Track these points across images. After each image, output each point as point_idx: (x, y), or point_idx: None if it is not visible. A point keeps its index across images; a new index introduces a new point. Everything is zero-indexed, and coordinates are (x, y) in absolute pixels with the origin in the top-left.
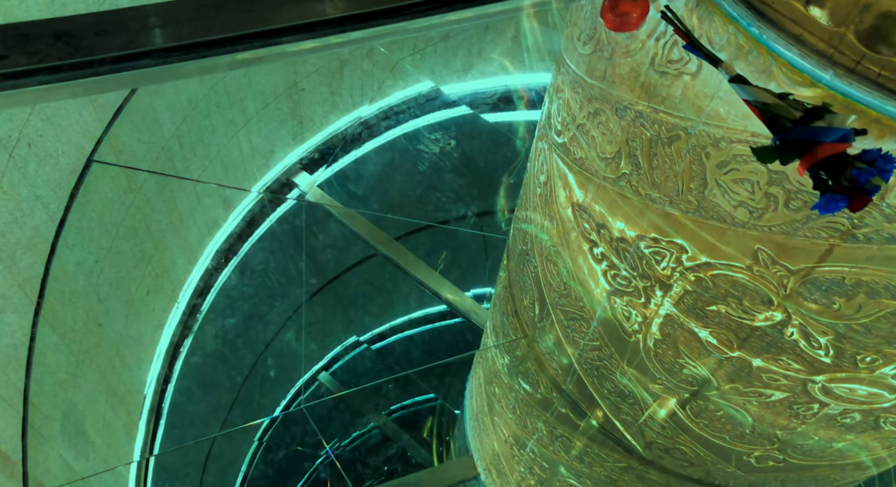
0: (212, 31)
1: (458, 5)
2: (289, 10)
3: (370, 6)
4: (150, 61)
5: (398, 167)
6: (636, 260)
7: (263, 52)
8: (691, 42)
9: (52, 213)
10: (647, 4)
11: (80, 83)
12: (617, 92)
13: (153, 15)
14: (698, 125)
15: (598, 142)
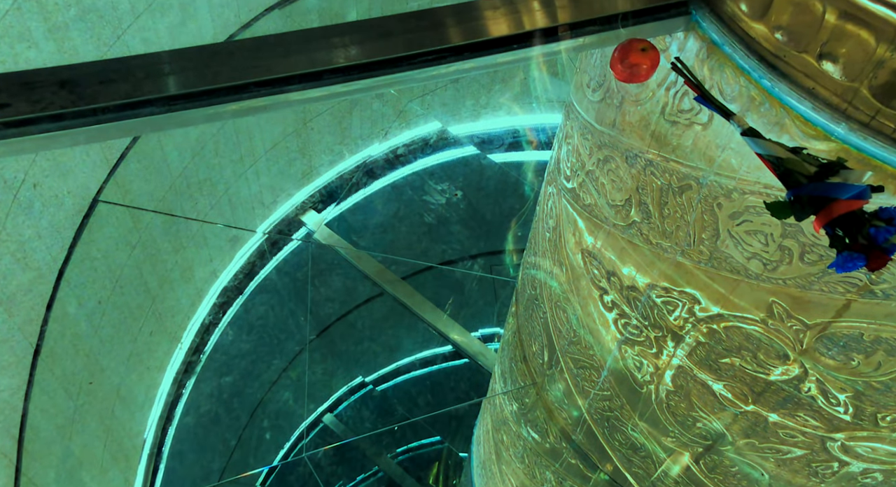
0: (218, 79)
1: (465, 55)
2: (295, 58)
3: (377, 55)
4: (154, 109)
5: (406, 206)
6: (647, 309)
7: (269, 101)
8: (702, 94)
9: (55, 255)
10: (657, 56)
11: (83, 131)
12: (627, 140)
13: (158, 63)
14: (710, 175)
15: (608, 189)
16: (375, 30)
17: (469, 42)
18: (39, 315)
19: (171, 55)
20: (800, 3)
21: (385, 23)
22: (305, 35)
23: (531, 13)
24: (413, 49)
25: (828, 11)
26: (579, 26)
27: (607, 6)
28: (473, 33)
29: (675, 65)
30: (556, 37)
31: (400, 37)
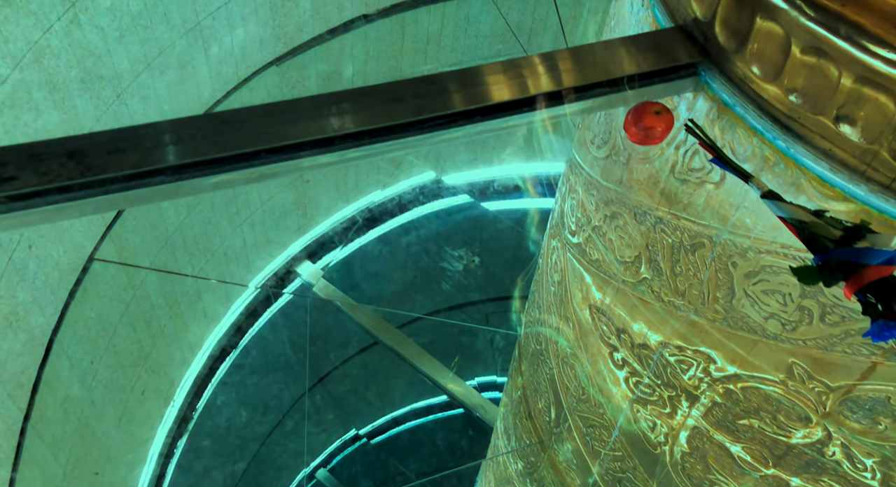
0: (228, 147)
1: (475, 119)
2: (306, 124)
3: (388, 120)
4: (163, 178)
5: (401, 255)
6: (660, 368)
7: (280, 168)
8: (718, 156)
9: (48, 316)
10: (671, 118)
11: (91, 202)
12: (635, 197)
13: (168, 131)
14: (724, 234)
15: (616, 245)
16: (386, 95)
17: (478, 106)
18: (30, 379)
19: (180, 123)
20: (814, 66)
21: (396, 88)
22: (316, 101)
23: (537, 77)
24: (424, 114)
25: (843, 76)
26: (586, 89)
27: (614, 69)
28: (482, 98)
29: (689, 127)
30: (563, 100)
31: (411, 102)
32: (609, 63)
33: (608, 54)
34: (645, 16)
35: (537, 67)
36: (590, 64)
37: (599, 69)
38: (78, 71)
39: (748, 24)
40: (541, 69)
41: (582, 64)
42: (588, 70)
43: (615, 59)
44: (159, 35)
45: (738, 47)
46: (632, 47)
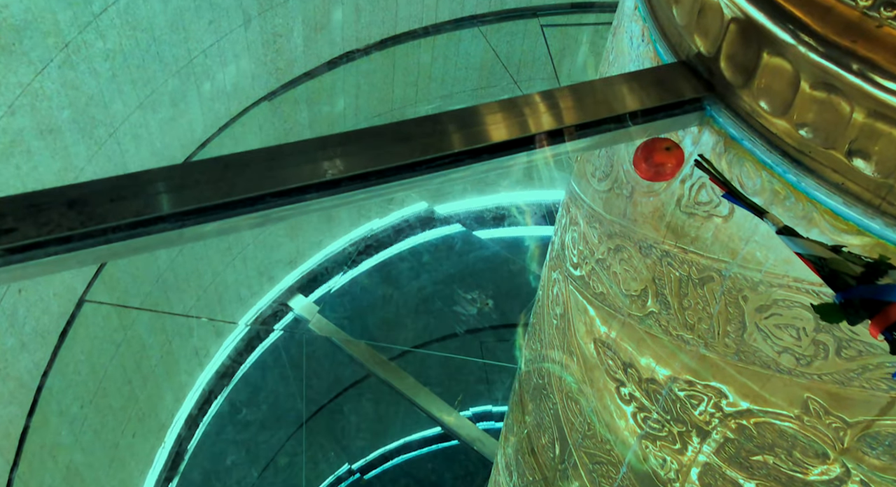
0: (233, 192)
1: (483, 157)
2: (312, 166)
3: (396, 160)
4: (166, 226)
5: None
6: (669, 403)
7: (286, 211)
8: (730, 191)
9: (37, 361)
10: (681, 155)
11: (92, 252)
12: (640, 230)
13: (170, 177)
14: (733, 268)
15: (621, 278)
16: (393, 134)
17: (486, 144)
18: (18, 428)
19: (182, 169)
20: (824, 101)
21: (402, 127)
22: (322, 142)
23: (539, 115)
24: (430, 153)
25: (856, 110)
26: (588, 126)
27: (616, 105)
28: (487, 136)
29: (700, 162)
30: (565, 138)
31: (418, 141)
32: (611, 99)
33: (610, 91)
34: (646, 51)
35: (539, 106)
36: (592, 101)
37: (602, 106)
38: (70, 112)
39: (754, 60)
40: (542, 107)
41: (584, 101)
42: (590, 107)
43: (618, 95)
44: (152, 74)
45: (745, 82)
46: (634, 83)
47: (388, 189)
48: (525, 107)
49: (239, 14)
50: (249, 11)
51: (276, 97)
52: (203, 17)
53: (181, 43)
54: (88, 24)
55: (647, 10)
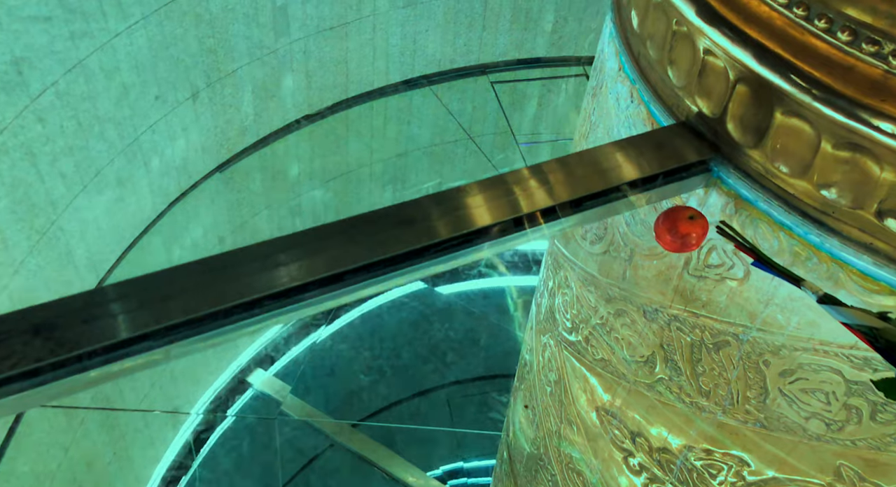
0: (225, 298)
1: (492, 234)
2: (313, 260)
3: (401, 247)
4: (151, 344)
5: (356, 348)
6: (685, 473)
7: (285, 312)
8: (761, 259)
9: None
10: (706, 222)
11: (65, 383)
12: (643, 294)
13: (150, 287)
14: (752, 332)
15: (625, 343)
16: (394, 218)
17: (495, 223)
18: None
19: (164, 277)
20: (849, 161)
21: (404, 210)
22: (319, 233)
23: (532, 193)
24: (435, 237)
25: (885, 169)
26: (587, 199)
27: (616, 175)
28: (472, 222)
29: (722, 228)
30: (560, 214)
31: (422, 224)
32: (611, 169)
33: (609, 160)
34: (636, 111)
35: (529, 182)
36: (591, 172)
37: (601, 177)
38: (7, 202)
39: (766, 120)
40: (533, 183)
41: (581, 173)
42: (590, 179)
43: (617, 164)
44: (96, 155)
45: (756, 143)
46: (631, 150)
47: (395, 277)
48: (511, 185)
49: (186, 87)
50: (197, 84)
51: (228, 168)
52: (149, 93)
53: (126, 120)
54: (25, 108)
55: (634, 71)
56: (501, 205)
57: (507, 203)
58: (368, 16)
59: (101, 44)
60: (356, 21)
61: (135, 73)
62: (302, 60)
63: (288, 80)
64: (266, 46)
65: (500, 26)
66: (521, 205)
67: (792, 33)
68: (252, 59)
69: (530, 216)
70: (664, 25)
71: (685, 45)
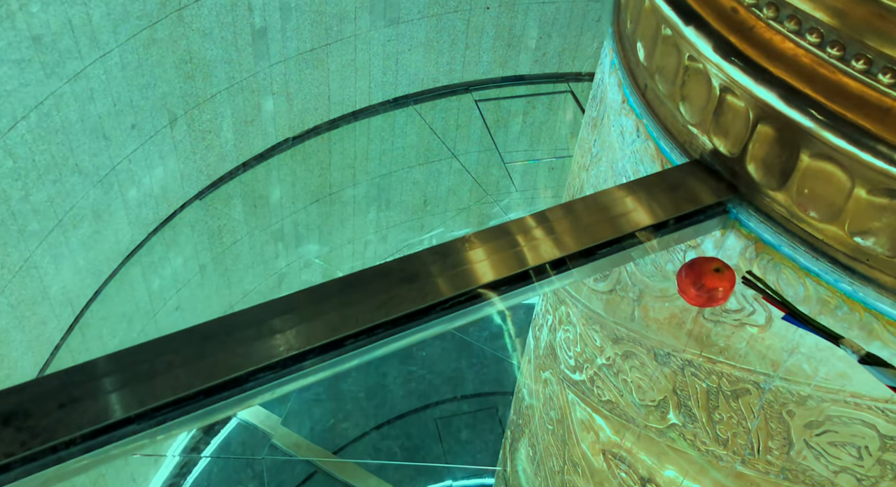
0: (217, 372)
1: (502, 289)
2: (313, 325)
3: (407, 307)
4: (136, 428)
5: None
6: None
7: (283, 382)
8: (792, 313)
9: None
10: (733, 275)
11: (40, 477)
12: (654, 336)
13: (134, 362)
14: (775, 380)
15: (634, 386)
16: (397, 274)
17: (506, 276)
18: None
19: (150, 348)
20: (886, 207)
21: (408, 265)
22: (316, 294)
23: (538, 245)
24: (442, 295)
25: None
26: (599, 249)
27: (628, 222)
28: (507, 268)
29: (749, 280)
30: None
31: (426, 280)
32: (620, 216)
33: (618, 204)
34: (644, 147)
35: (534, 232)
36: (598, 219)
37: (611, 224)
38: None
39: (792, 163)
40: (539, 233)
41: (590, 220)
42: (598, 227)
43: (626, 209)
44: (70, 188)
45: (779, 185)
46: (642, 193)
47: (403, 338)
48: (520, 236)
49: (164, 114)
50: (175, 111)
51: (208, 195)
52: (125, 122)
53: (102, 151)
54: None
55: (641, 105)
56: (508, 258)
57: (513, 255)
58: (350, 36)
59: (73, 74)
60: (337, 42)
61: (110, 102)
62: (282, 83)
63: (268, 103)
64: (245, 70)
65: (483, 44)
66: (527, 259)
67: (822, 72)
68: (231, 84)
69: (538, 268)
70: (675, 59)
71: (699, 81)
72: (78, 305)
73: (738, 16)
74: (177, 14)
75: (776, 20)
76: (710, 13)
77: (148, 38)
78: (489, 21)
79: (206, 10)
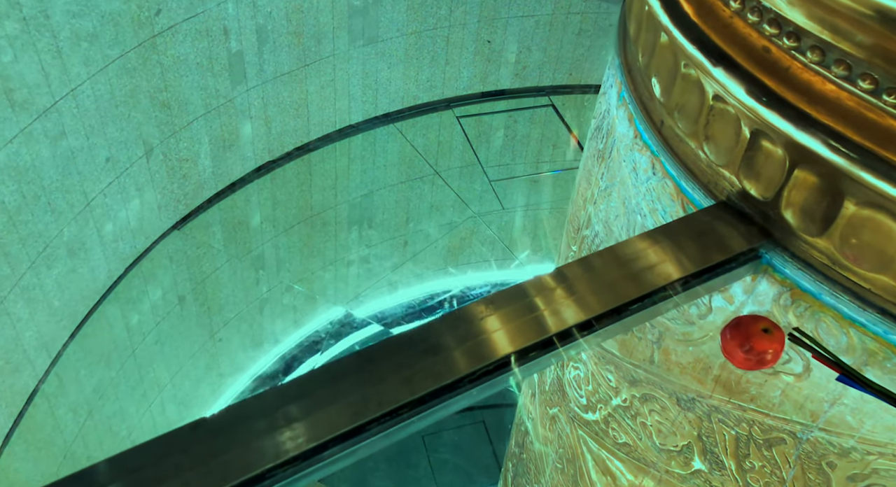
0: (231, 474)
1: (531, 356)
2: (334, 410)
3: (432, 384)
4: None
5: None
6: None
7: (298, 480)
8: (847, 374)
9: None
10: (782, 335)
11: None
12: (676, 381)
13: (140, 465)
14: (813, 431)
15: (654, 430)
16: (421, 344)
17: (532, 343)
18: None
19: (153, 448)
20: None
21: (429, 334)
22: (332, 372)
23: (559, 309)
24: (470, 367)
25: None
26: (625, 308)
27: (649, 280)
28: (535, 333)
29: (797, 338)
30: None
31: (454, 350)
32: (645, 270)
33: (641, 258)
34: (661, 185)
35: (554, 293)
36: (622, 276)
37: (635, 282)
38: None
39: (834, 211)
40: (561, 295)
41: (612, 277)
42: (623, 285)
43: (652, 262)
44: (43, 227)
45: (820, 232)
46: (667, 243)
47: (427, 416)
48: (532, 299)
49: (139, 145)
50: (150, 141)
51: (186, 224)
52: (98, 156)
53: (76, 187)
54: None
55: (657, 142)
56: (529, 324)
57: (535, 321)
58: (328, 57)
59: (43, 109)
60: (315, 63)
61: (82, 136)
62: (260, 107)
63: (246, 127)
64: (222, 95)
65: (462, 59)
66: (548, 325)
67: (870, 117)
68: (208, 110)
69: (564, 333)
70: (697, 98)
71: (726, 122)
72: (54, 349)
73: (770, 56)
74: (150, 42)
75: (821, 64)
76: (740, 53)
77: (120, 68)
78: (469, 36)
79: (180, 36)
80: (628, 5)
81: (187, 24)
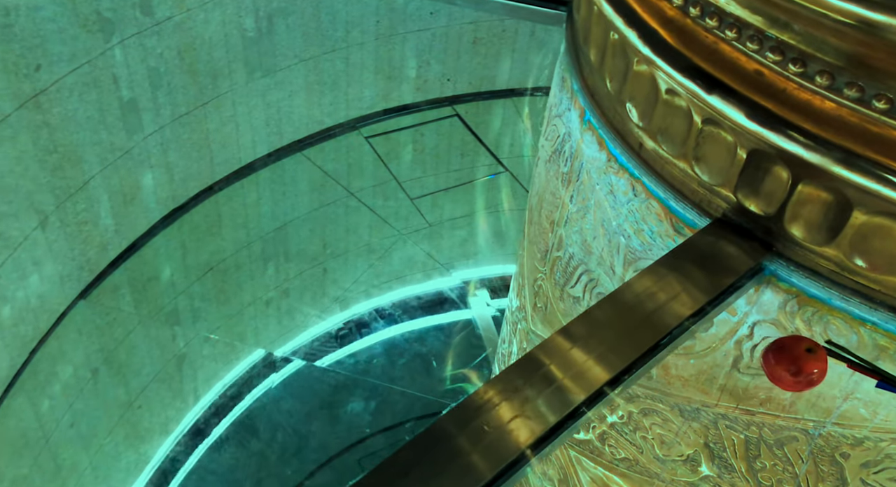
0: None
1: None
2: None
3: None
4: None
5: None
6: None
7: None
8: (886, 379)
9: None
10: (824, 354)
11: None
12: (679, 393)
13: None
14: (826, 426)
15: (657, 442)
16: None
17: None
18: None
19: None
20: None
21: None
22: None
23: (585, 374)
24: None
25: None
26: (638, 362)
27: (662, 322)
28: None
29: (831, 350)
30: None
31: (470, 455)
32: (656, 311)
33: (649, 299)
34: (645, 206)
35: (574, 358)
36: (633, 325)
37: (649, 327)
38: None
39: (841, 221)
40: (579, 358)
41: (623, 327)
42: (636, 334)
43: (661, 302)
44: None
45: (827, 241)
46: (672, 277)
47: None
48: (554, 364)
49: (32, 216)
50: (44, 209)
51: (93, 291)
52: None
53: None
54: None
55: (637, 165)
56: (554, 397)
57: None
58: (226, 92)
59: None
60: (214, 100)
61: None
62: (160, 153)
63: (147, 177)
64: (118, 148)
65: (364, 79)
66: (573, 397)
67: (873, 130)
68: (104, 166)
69: (589, 400)
70: (683, 122)
71: (720, 145)
72: None
73: (764, 79)
74: (33, 102)
75: (830, 88)
76: (734, 79)
77: (1, 136)
78: (368, 56)
79: (65, 91)
80: (582, 32)
81: (72, 77)
